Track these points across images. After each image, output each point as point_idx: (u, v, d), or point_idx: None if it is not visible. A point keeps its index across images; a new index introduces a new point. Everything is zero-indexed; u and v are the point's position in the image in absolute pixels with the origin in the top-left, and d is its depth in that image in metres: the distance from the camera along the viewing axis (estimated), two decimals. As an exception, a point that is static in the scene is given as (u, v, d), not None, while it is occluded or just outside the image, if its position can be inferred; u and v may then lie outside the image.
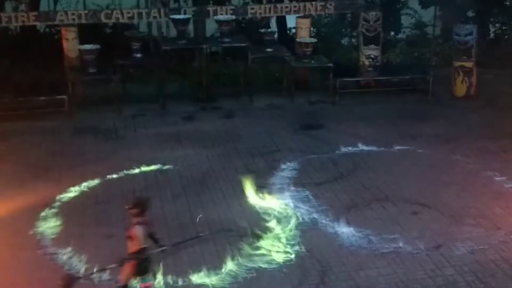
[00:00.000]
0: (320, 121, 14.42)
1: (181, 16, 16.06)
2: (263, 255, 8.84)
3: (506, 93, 15.88)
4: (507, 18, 19.83)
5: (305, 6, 16.64)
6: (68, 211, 10.24)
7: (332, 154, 12.52)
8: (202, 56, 16.53)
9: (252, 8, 16.73)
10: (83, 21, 15.81)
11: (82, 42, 15.64)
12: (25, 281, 8.30)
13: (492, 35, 20.50)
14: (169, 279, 8.27)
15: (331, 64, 16.04)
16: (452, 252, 8.88)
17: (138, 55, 15.84)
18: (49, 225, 9.72)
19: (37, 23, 16.79)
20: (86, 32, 16.15)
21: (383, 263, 8.64)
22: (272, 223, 9.67)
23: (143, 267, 7.36)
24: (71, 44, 15.72)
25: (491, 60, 17.81)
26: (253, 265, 8.58)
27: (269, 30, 17.80)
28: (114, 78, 15.39)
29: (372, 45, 16.87)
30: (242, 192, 10.60)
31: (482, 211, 10.05)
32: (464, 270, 8.48)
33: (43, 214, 10.04)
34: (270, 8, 16.68)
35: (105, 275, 8.27)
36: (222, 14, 16.25)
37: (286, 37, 19.76)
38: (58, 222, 9.81)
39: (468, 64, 15.93)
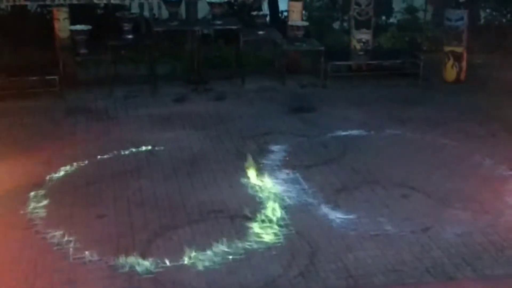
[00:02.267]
0: (311, 104, 14.44)
1: (173, -2, 15.98)
2: (253, 236, 8.90)
3: (495, 78, 15.93)
4: (497, 3, 19.82)
5: (297, -12, 16.59)
6: (58, 191, 10.27)
7: (323, 137, 12.56)
8: (194, 38, 16.49)
9: (245, -9, 16.68)
10: (74, 1, 15.66)
11: (73, 22, 15.55)
12: (13, 260, 8.31)
13: (482, 20, 20.51)
14: (158, 259, 8.31)
15: (322, 48, 16.03)
16: (439, 235, 8.96)
17: (130, 36, 15.75)
18: (40, 205, 9.74)
19: (28, 3, 16.65)
20: (78, 13, 16.04)
21: (372, 245, 8.72)
22: (262, 205, 9.74)
23: None
24: (62, 25, 15.58)
25: (482, 45, 17.84)
26: (242, 246, 8.64)
27: (261, 13, 17.72)
28: (106, 59, 15.35)
29: (364, 29, 16.84)
30: (238, 172, 10.70)
31: (470, 195, 10.13)
32: (451, 252, 8.56)
33: (33, 194, 10.06)
34: (262, -9, 16.63)
35: (95, 256, 8.36)
36: (214, -4, 16.18)
37: (278, 20, 19.71)
38: (49, 202, 9.83)
39: (459, 49, 15.94)
